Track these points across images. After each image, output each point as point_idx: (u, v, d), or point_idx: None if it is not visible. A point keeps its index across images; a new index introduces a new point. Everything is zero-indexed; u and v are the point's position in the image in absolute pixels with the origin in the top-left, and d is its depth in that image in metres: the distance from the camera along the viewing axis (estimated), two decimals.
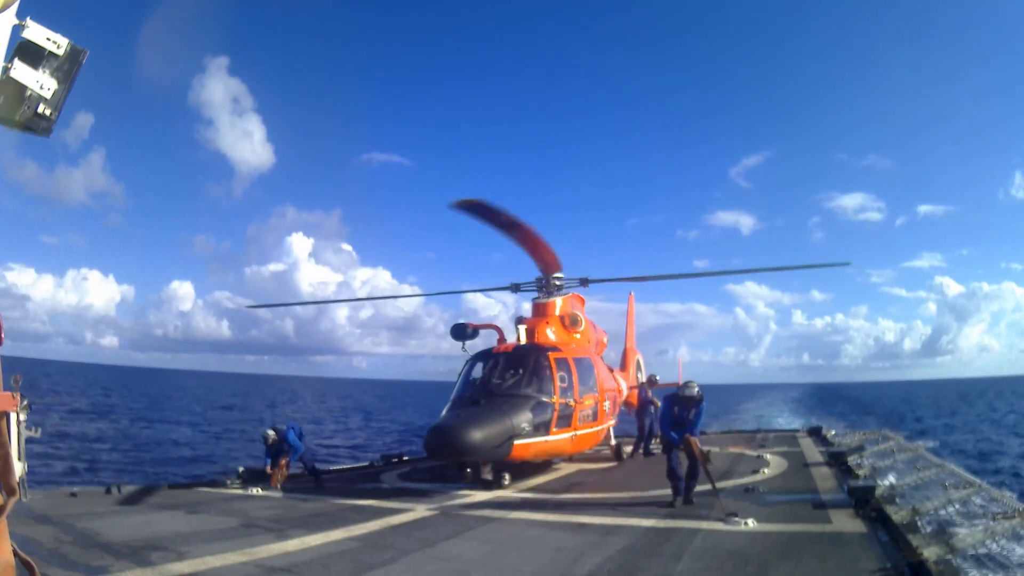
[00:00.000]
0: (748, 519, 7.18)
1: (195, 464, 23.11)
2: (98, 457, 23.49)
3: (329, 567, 5.82)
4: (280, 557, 6.15)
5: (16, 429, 3.21)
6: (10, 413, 3.08)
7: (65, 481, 17.42)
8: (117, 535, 7.00)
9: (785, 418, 47.27)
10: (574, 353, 13.00)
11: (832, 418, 39.98)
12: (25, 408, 3.37)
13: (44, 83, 2.94)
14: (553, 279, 13.95)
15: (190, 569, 5.71)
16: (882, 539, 6.24)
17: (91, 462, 22.14)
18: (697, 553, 6.08)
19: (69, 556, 6.06)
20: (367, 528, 7.52)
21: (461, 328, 13.64)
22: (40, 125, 2.98)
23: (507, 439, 10.33)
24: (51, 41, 2.95)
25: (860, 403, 74.75)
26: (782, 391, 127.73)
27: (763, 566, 5.60)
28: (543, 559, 6.04)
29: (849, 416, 48.73)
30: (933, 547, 5.45)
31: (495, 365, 11.80)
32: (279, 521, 7.98)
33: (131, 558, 6.01)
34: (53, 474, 19.14)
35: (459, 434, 9.92)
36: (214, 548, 6.39)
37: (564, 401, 11.61)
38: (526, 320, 13.55)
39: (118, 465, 22.19)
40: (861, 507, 7.44)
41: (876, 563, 5.47)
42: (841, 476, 10.23)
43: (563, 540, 6.76)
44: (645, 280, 17.07)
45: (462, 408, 11.01)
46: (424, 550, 6.46)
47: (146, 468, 21.94)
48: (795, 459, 13.00)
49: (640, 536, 6.88)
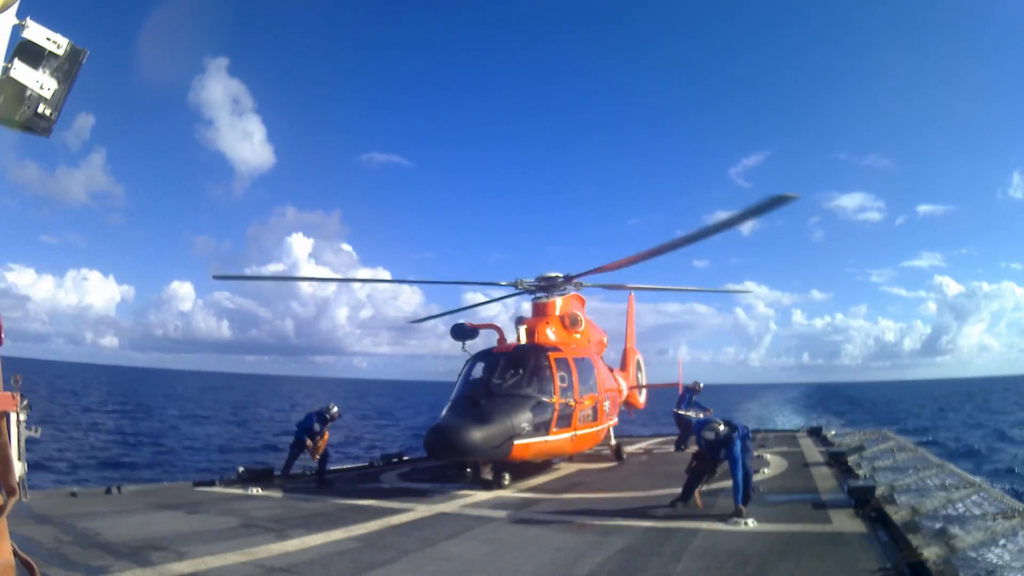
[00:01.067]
0: (748, 519, 7.18)
1: (198, 464, 23.12)
2: (125, 456, 23.63)
3: (329, 567, 5.82)
4: (280, 557, 6.15)
5: (16, 429, 3.21)
6: (10, 413, 3.09)
7: (67, 481, 17.43)
8: (117, 535, 6.99)
9: (785, 416, 47.30)
10: (574, 353, 12.99)
11: (831, 415, 40.02)
12: (25, 408, 3.37)
13: (44, 83, 2.95)
14: (555, 279, 13.97)
15: (190, 569, 5.70)
16: (882, 539, 6.24)
17: (119, 464, 22.23)
18: (697, 553, 6.08)
19: (69, 556, 6.06)
20: (367, 528, 7.52)
21: (461, 328, 13.64)
22: (40, 125, 2.98)
23: (507, 439, 10.33)
24: (51, 41, 2.96)
25: (859, 403, 74.74)
26: (782, 391, 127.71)
27: (763, 566, 5.60)
28: (543, 559, 6.04)
29: (849, 415, 48.75)
30: (933, 547, 5.45)
31: (495, 365, 11.80)
32: (279, 521, 7.98)
33: (131, 558, 6.00)
34: (57, 474, 19.17)
35: (459, 434, 9.92)
36: (214, 548, 6.39)
37: (564, 401, 11.60)
38: (526, 320, 13.55)
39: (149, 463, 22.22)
40: (861, 507, 7.44)
41: (876, 563, 5.47)
42: (841, 476, 10.23)
43: (563, 540, 6.76)
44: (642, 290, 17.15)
45: (462, 408, 11.01)
46: (424, 550, 6.46)
47: (157, 468, 21.99)
48: (795, 459, 13.00)
49: (640, 536, 6.88)
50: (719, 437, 8.07)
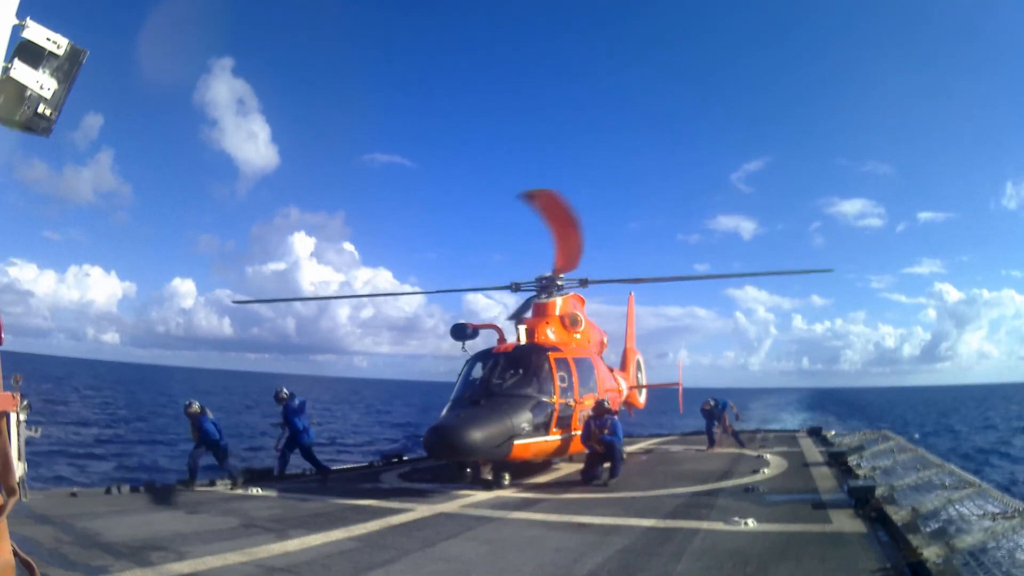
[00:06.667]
0: (748, 519, 7.18)
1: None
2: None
3: (329, 567, 5.82)
4: (280, 557, 6.14)
5: (16, 429, 3.21)
6: (10, 413, 3.09)
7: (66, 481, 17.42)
8: (117, 535, 6.98)
9: (789, 413, 47.19)
10: (574, 353, 13.00)
11: (831, 416, 39.93)
12: (25, 408, 3.38)
13: (44, 83, 2.94)
14: (556, 279, 13.96)
15: (190, 569, 5.70)
16: (882, 539, 6.24)
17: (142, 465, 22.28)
18: (697, 553, 6.08)
19: (69, 556, 6.05)
20: (367, 528, 7.52)
21: (461, 328, 13.64)
22: (40, 125, 2.98)
23: (507, 439, 10.33)
24: (51, 41, 2.95)
25: (861, 408, 74.63)
26: (782, 395, 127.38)
27: (763, 566, 5.59)
28: (543, 559, 6.04)
29: (849, 421, 48.71)
30: (933, 547, 5.44)
31: (495, 365, 11.80)
32: (279, 521, 7.97)
33: (131, 558, 6.00)
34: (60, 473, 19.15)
35: (459, 434, 9.92)
36: (214, 548, 6.38)
37: (564, 401, 11.61)
38: (526, 320, 13.55)
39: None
40: (861, 507, 7.44)
41: (876, 563, 5.47)
42: (841, 476, 10.24)
43: (563, 540, 6.75)
44: (643, 282, 17.11)
45: (462, 408, 11.01)
46: (424, 550, 6.46)
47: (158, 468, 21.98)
48: (795, 459, 13.01)
49: (640, 536, 6.87)
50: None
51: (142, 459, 24.10)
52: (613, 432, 10.84)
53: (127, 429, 34.21)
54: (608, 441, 10.75)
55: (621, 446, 11.06)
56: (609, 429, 10.85)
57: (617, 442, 10.81)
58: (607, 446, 10.74)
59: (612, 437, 10.78)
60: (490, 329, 14.08)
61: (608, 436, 10.78)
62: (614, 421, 11.05)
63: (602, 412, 11.11)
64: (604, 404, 11.33)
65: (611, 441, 10.73)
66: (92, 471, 20.54)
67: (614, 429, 10.89)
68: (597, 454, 10.91)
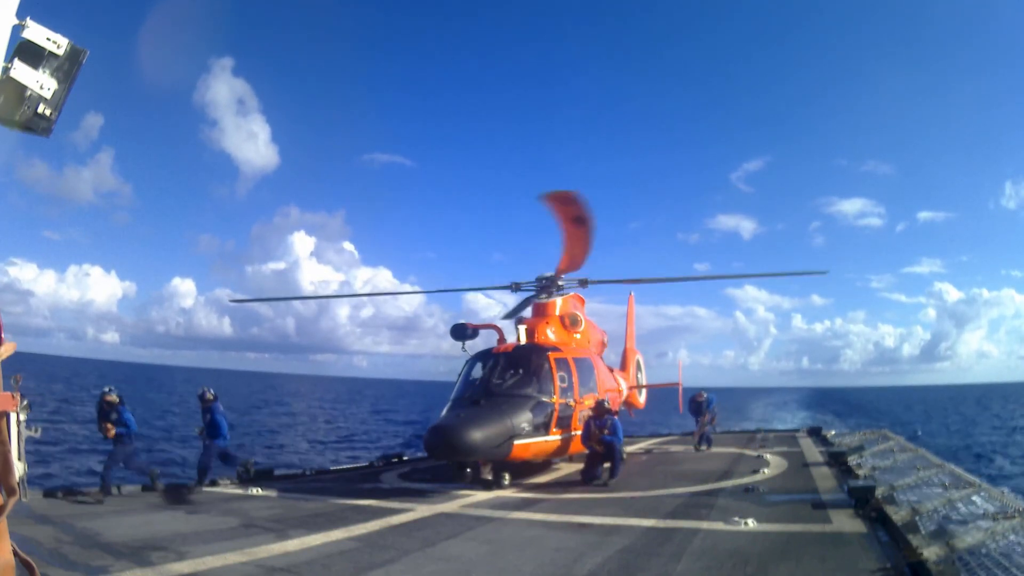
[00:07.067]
0: (748, 519, 7.18)
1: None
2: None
3: (329, 567, 5.82)
4: (280, 557, 6.14)
5: (16, 429, 3.20)
6: (10, 413, 3.09)
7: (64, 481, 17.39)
8: (117, 535, 6.99)
9: (788, 412, 47.16)
10: (574, 353, 13.00)
11: (830, 416, 39.93)
12: (25, 408, 3.37)
13: (44, 83, 2.94)
14: (557, 279, 13.96)
15: (190, 569, 5.70)
16: (882, 539, 6.23)
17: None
18: (697, 553, 6.08)
19: (69, 556, 6.05)
20: (367, 528, 7.52)
21: (461, 328, 13.64)
22: (40, 125, 2.98)
23: (507, 439, 10.33)
24: (51, 41, 2.95)
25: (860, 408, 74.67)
26: (782, 395, 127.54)
27: (763, 566, 5.59)
28: (543, 559, 6.04)
29: (848, 421, 48.72)
30: (933, 547, 5.44)
31: (495, 365, 11.79)
32: (279, 521, 7.97)
33: (131, 558, 6.00)
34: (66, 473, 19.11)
35: (459, 434, 9.91)
36: (214, 548, 6.39)
37: (564, 401, 11.61)
38: (526, 320, 13.55)
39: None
40: (861, 507, 7.43)
41: (876, 563, 5.47)
42: (841, 476, 10.23)
43: (563, 540, 6.75)
44: (643, 282, 17.11)
45: (462, 408, 11.01)
46: (424, 550, 6.46)
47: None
48: (795, 459, 13.00)
49: (640, 536, 6.87)
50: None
51: (170, 455, 23.96)
52: (613, 432, 10.87)
53: (148, 428, 34.17)
54: (608, 441, 10.77)
55: (621, 446, 11.08)
56: (609, 429, 10.87)
57: (617, 442, 10.82)
58: (607, 446, 10.77)
59: (612, 437, 10.80)
60: (490, 329, 14.08)
61: (608, 436, 10.81)
62: (614, 421, 11.07)
63: (602, 412, 11.13)
64: (604, 404, 11.33)
65: (611, 441, 10.76)
66: (92, 471, 20.49)
67: (614, 429, 10.90)
68: (597, 454, 10.94)
